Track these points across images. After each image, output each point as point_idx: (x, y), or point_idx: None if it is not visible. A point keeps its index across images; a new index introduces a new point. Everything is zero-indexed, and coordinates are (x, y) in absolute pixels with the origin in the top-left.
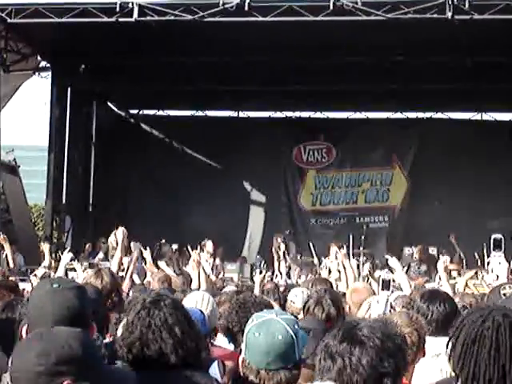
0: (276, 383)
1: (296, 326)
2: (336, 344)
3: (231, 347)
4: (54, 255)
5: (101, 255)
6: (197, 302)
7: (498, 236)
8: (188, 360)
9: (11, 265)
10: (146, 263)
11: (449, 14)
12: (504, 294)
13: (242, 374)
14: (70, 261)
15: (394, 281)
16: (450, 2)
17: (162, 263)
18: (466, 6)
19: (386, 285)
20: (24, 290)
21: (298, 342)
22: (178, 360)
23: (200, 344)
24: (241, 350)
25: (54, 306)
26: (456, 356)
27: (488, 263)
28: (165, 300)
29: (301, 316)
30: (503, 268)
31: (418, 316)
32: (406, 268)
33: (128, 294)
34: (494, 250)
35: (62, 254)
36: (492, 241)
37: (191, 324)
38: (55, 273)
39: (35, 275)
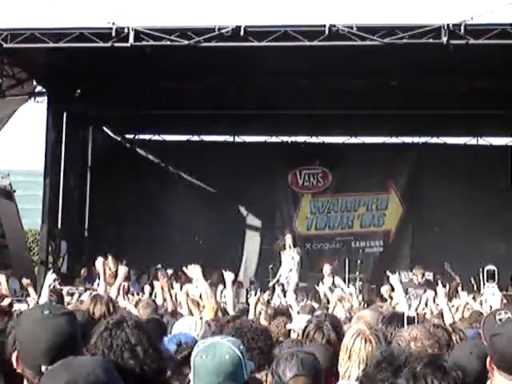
0: None
1: (241, 347)
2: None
3: None
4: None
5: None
6: (190, 327)
7: (492, 268)
8: (149, 380)
9: (4, 291)
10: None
11: (444, 39)
12: (500, 320)
13: None
14: (54, 281)
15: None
16: (446, 27)
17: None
18: (462, 30)
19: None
20: (20, 310)
21: (245, 362)
22: (138, 380)
23: (162, 365)
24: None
25: (47, 332)
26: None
27: (482, 294)
28: (127, 321)
29: None
30: (497, 298)
31: (434, 328)
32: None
33: None
34: (487, 281)
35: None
36: (485, 272)
37: (154, 345)
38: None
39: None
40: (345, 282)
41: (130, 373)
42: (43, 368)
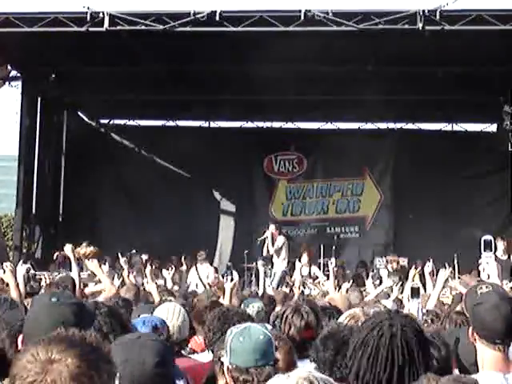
0: (265, 377)
1: (270, 328)
2: None
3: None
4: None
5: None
6: (168, 312)
7: (489, 237)
8: None
9: None
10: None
11: (420, 25)
12: (480, 293)
13: (229, 379)
14: (27, 272)
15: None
16: (421, 13)
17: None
18: (437, 16)
19: (415, 292)
20: None
21: (273, 344)
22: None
23: None
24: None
25: (50, 320)
26: (347, 357)
27: (479, 265)
28: (100, 309)
29: None
30: (492, 267)
31: (415, 317)
32: (378, 280)
33: None
34: (484, 250)
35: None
36: (483, 242)
37: (128, 331)
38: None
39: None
40: (320, 267)
41: None
42: None
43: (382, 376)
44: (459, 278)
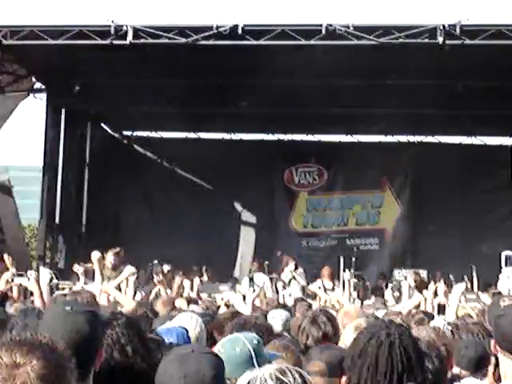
0: None
1: (255, 342)
2: None
3: None
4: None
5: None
6: (185, 321)
7: (510, 253)
8: (138, 379)
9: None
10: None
11: (440, 40)
12: (503, 306)
13: None
14: (50, 280)
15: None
16: (442, 28)
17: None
18: (457, 31)
19: (441, 309)
20: (21, 285)
21: (258, 356)
22: (126, 379)
23: (152, 363)
24: None
25: (65, 329)
26: (347, 367)
27: (498, 280)
28: (118, 319)
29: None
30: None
31: (442, 330)
32: (397, 292)
33: None
34: (505, 265)
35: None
36: (503, 258)
37: (144, 343)
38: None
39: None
40: (339, 279)
41: (120, 371)
42: None
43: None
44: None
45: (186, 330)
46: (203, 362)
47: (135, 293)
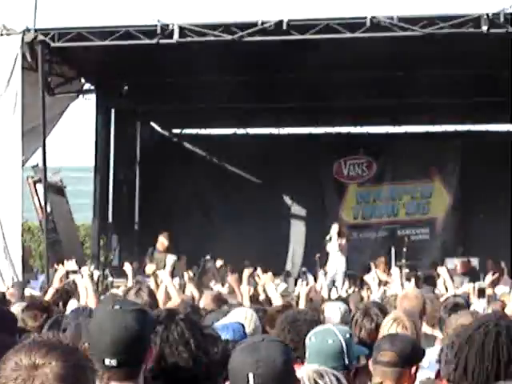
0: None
1: (347, 335)
2: None
3: None
4: (102, 273)
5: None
6: (241, 317)
7: None
8: (200, 374)
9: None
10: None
11: (484, 28)
12: None
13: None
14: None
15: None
16: (485, 16)
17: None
18: (501, 19)
19: (481, 293)
20: (74, 280)
21: (349, 350)
22: (191, 374)
23: (214, 359)
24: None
25: (113, 327)
26: (455, 353)
27: None
28: (179, 315)
29: None
30: None
31: (481, 315)
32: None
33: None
34: None
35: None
36: None
37: (206, 339)
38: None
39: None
40: (390, 269)
41: (184, 366)
42: (107, 361)
43: (489, 371)
44: None
45: (243, 325)
46: (273, 348)
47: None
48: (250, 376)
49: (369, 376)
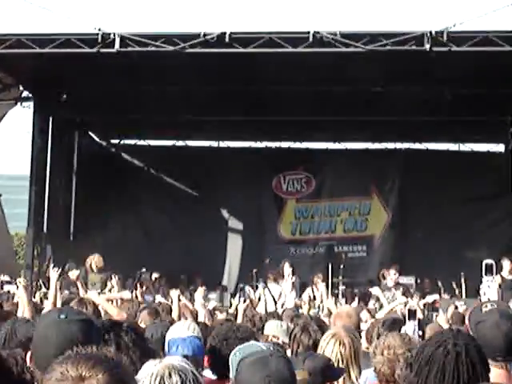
0: None
1: (271, 349)
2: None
3: (214, 377)
4: (34, 284)
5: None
6: (183, 329)
7: (490, 262)
8: None
9: None
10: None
11: (427, 46)
12: (484, 312)
13: None
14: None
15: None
16: (429, 35)
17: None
18: (445, 38)
19: (412, 314)
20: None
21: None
22: None
23: None
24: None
25: (58, 337)
26: (413, 373)
27: (479, 288)
28: (123, 327)
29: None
30: (493, 291)
31: (409, 337)
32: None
33: None
34: (486, 274)
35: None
36: (484, 266)
37: (148, 350)
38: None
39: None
40: (327, 286)
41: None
42: None
43: None
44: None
45: (200, 339)
46: (281, 363)
47: None
48: None
49: None
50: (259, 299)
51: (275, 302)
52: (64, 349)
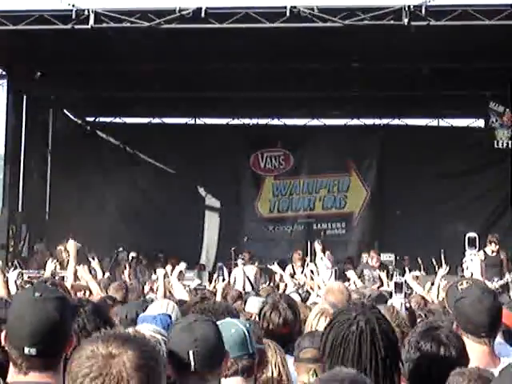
0: (234, 371)
1: (247, 325)
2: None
3: None
4: (10, 264)
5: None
6: (161, 308)
7: (473, 235)
8: None
9: None
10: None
11: (405, 21)
12: (461, 289)
13: None
14: (18, 276)
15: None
16: (407, 9)
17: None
18: (423, 12)
19: (399, 288)
20: None
21: (251, 339)
22: None
23: None
24: None
25: (33, 316)
26: (326, 355)
27: (462, 262)
28: (85, 306)
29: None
30: (476, 264)
31: (397, 310)
32: (359, 273)
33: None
34: (469, 247)
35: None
36: (467, 239)
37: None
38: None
39: None
40: (304, 264)
41: None
42: (26, 350)
43: (368, 371)
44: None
45: (170, 316)
46: (207, 328)
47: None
48: (191, 353)
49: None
50: (235, 280)
51: (250, 283)
52: (39, 326)
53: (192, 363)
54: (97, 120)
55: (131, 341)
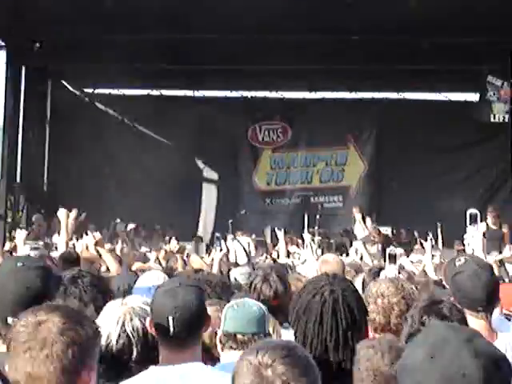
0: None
1: (264, 307)
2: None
3: None
4: (8, 234)
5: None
6: (152, 280)
7: (474, 211)
8: None
9: None
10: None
11: None
12: (459, 265)
13: (219, 346)
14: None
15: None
16: None
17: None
18: None
19: (392, 259)
20: None
21: (267, 319)
22: None
23: None
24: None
25: (16, 284)
26: (292, 322)
27: (463, 239)
28: (83, 277)
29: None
30: (477, 241)
31: (403, 283)
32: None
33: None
34: (470, 224)
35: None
36: (468, 216)
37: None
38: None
39: None
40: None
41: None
42: (9, 320)
43: (328, 341)
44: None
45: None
46: (190, 294)
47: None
48: (170, 319)
49: None
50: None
51: (246, 254)
52: (22, 295)
53: (171, 329)
54: (95, 91)
55: (58, 309)
